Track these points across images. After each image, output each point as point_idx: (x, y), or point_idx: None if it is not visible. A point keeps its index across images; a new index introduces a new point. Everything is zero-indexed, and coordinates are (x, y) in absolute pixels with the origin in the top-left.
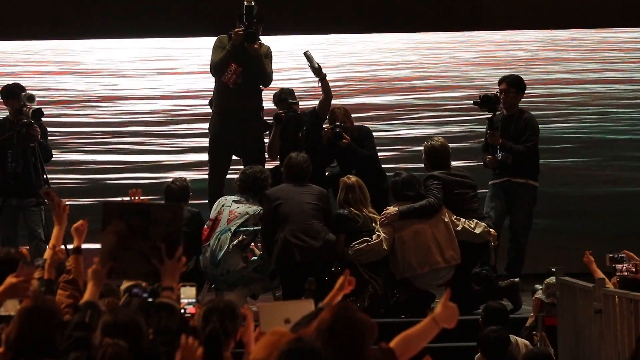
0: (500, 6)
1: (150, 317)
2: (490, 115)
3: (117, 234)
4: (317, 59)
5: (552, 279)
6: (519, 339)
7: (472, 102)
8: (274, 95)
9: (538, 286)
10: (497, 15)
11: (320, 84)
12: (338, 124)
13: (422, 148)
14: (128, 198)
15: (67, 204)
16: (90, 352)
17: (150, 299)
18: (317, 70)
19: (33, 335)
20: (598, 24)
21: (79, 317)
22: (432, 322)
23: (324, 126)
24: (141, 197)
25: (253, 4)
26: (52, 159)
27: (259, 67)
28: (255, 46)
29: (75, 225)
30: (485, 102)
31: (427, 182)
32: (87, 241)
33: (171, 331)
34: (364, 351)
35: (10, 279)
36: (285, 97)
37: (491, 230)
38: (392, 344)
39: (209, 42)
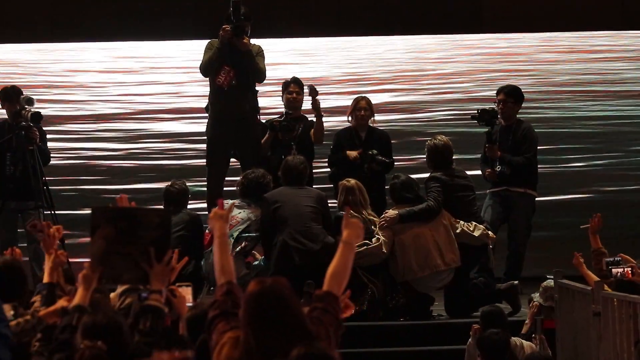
0: (500, 9)
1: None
2: (488, 129)
3: (106, 238)
4: (315, 61)
5: (549, 282)
6: (524, 341)
7: (470, 116)
8: (284, 84)
9: (535, 295)
10: (496, 18)
11: (315, 120)
12: (374, 152)
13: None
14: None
15: (59, 227)
16: (73, 354)
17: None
18: (316, 107)
19: None
20: (598, 26)
21: (66, 320)
22: (345, 246)
23: (354, 154)
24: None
25: (239, 0)
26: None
27: (249, 63)
28: (244, 41)
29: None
30: (482, 116)
31: (429, 184)
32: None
33: (156, 333)
34: (295, 319)
35: (62, 302)
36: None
37: (489, 232)
38: (324, 287)
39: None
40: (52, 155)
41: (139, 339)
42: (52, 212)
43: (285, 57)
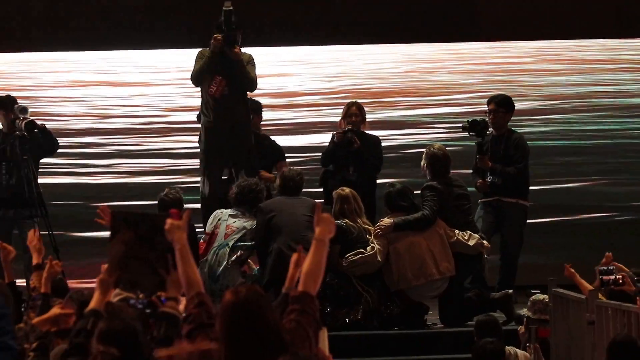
0: (495, 17)
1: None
2: (479, 140)
3: (125, 243)
4: (306, 72)
5: (538, 296)
6: (518, 350)
7: (461, 124)
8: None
9: (523, 310)
10: (492, 26)
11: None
12: (349, 128)
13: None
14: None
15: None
16: (87, 358)
17: (147, 310)
18: None
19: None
20: (593, 34)
21: (81, 324)
22: (318, 243)
23: (336, 132)
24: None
25: (231, 8)
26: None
27: (241, 72)
28: (236, 50)
29: (30, 241)
30: (473, 127)
31: (425, 193)
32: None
33: (171, 341)
34: (269, 326)
35: (55, 310)
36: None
37: (484, 242)
38: (300, 287)
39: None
40: (40, 169)
41: (153, 347)
42: (49, 231)
43: (275, 67)
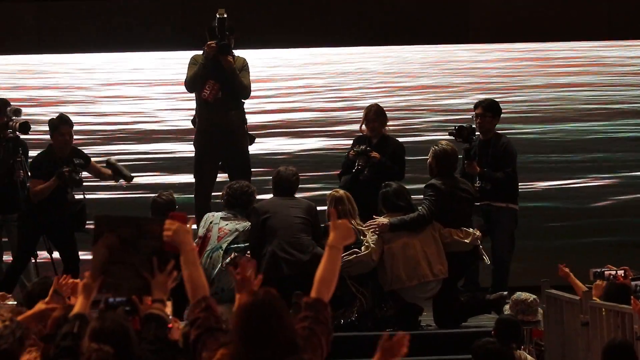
0: (487, 20)
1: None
2: (466, 146)
3: (108, 247)
4: (297, 74)
5: (519, 295)
6: (528, 355)
7: (448, 130)
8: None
9: (505, 308)
10: (483, 29)
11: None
12: (364, 147)
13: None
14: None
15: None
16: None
17: (127, 308)
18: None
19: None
20: (584, 37)
21: (67, 327)
22: (332, 250)
23: (352, 150)
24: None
25: (225, 16)
26: None
27: (234, 80)
28: (229, 59)
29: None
30: (460, 133)
31: (426, 191)
32: None
33: (160, 341)
34: (285, 328)
35: (40, 305)
36: None
37: (477, 233)
38: (313, 294)
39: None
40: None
41: (143, 347)
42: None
43: (268, 69)
